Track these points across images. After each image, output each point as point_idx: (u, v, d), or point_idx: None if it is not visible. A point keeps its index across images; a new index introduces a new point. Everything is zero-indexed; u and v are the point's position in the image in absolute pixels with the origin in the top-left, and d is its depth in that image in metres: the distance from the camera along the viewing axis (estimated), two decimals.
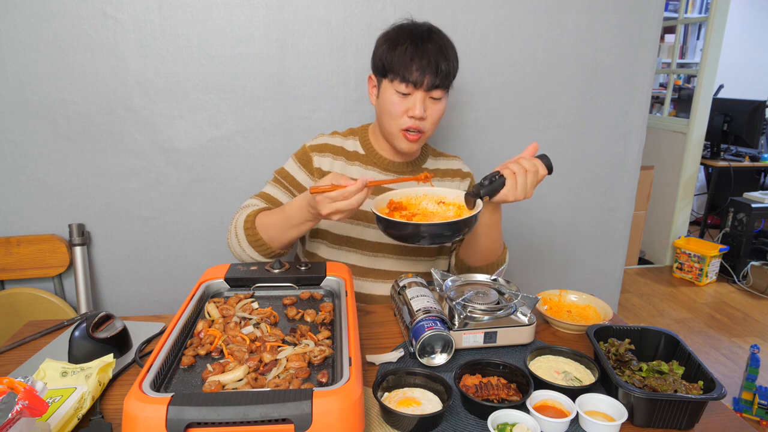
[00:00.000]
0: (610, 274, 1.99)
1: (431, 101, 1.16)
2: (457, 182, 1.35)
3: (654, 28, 1.73)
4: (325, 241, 1.29)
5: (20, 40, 1.44)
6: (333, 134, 1.34)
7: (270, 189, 1.28)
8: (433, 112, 1.17)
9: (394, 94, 1.15)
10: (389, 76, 1.15)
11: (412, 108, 1.14)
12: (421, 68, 1.11)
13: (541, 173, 1.04)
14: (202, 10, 1.49)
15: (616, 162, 1.86)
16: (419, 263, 1.32)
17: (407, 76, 1.11)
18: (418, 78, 1.11)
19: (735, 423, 0.81)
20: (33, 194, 1.56)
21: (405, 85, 1.12)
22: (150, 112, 1.54)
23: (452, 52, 1.17)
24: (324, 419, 0.63)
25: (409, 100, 1.14)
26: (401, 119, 1.16)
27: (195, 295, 0.97)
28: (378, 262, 1.29)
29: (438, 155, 1.38)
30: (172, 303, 1.70)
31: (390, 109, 1.16)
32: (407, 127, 1.16)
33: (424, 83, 1.12)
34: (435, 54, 1.12)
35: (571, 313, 1.14)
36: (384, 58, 1.15)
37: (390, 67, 1.14)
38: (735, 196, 3.50)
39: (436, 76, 1.12)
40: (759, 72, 4.69)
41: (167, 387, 0.74)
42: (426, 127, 1.17)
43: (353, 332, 0.81)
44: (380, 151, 1.30)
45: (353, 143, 1.31)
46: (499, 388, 0.83)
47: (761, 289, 3.31)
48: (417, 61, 1.11)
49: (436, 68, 1.11)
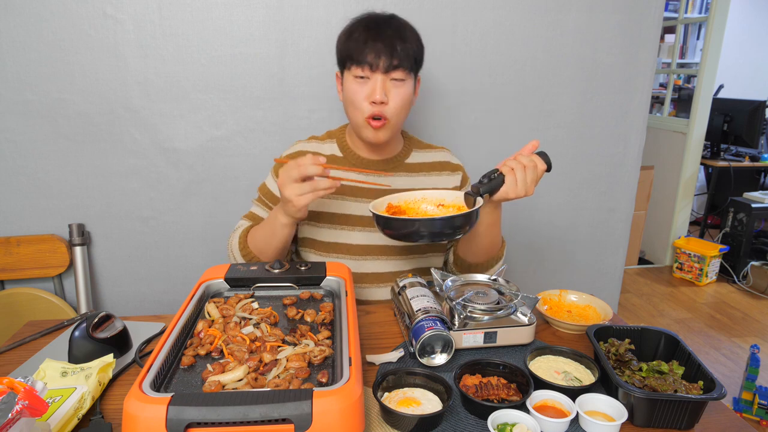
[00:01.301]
0: (610, 274, 1.99)
1: (393, 84, 1.13)
2: (445, 176, 1.32)
3: (654, 28, 1.73)
4: (313, 249, 1.28)
5: (20, 40, 1.44)
6: (310, 139, 1.32)
7: (255, 209, 1.30)
8: (396, 96, 1.13)
9: (353, 82, 1.13)
10: (347, 65, 1.14)
11: (372, 92, 1.11)
12: (376, 50, 1.09)
13: (540, 169, 1.03)
14: (202, 10, 1.49)
15: (616, 162, 1.86)
16: (409, 261, 1.30)
17: (362, 59, 1.10)
18: (374, 60, 1.09)
19: (735, 423, 0.81)
20: (33, 194, 1.56)
21: (362, 68, 1.11)
22: (150, 112, 1.54)
23: (412, 34, 1.15)
24: (324, 419, 0.63)
25: (368, 85, 1.12)
26: (363, 106, 1.13)
27: (195, 295, 0.96)
28: (366, 266, 1.27)
29: (424, 148, 1.34)
30: (172, 303, 1.70)
31: (352, 98, 1.14)
32: (371, 114, 1.13)
33: (380, 65, 1.10)
34: (391, 36, 1.10)
35: (571, 313, 1.14)
36: (341, 49, 1.15)
37: (347, 55, 1.13)
38: (735, 196, 3.50)
39: (393, 57, 1.10)
40: (759, 72, 4.69)
41: (167, 387, 0.74)
42: (390, 113, 1.13)
43: (353, 332, 0.81)
44: (357, 151, 1.27)
45: (330, 146, 1.29)
46: (499, 388, 0.83)
47: (761, 289, 3.31)
48: (371, 43, 1.10)
49: (391, 49, 1.10)
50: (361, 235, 1.26)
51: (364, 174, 1.22)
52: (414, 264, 1.30)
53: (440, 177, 1.32)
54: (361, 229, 1.26)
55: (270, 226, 1.14)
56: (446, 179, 1.32)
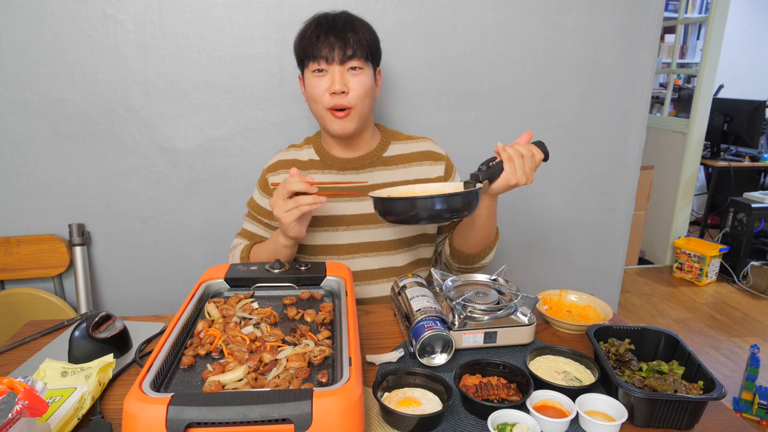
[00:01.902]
0: (610, 274, 1.99)
1: (351, 73, 1.14)
2: (426, 166, 1.30)
3: (654, 28, 1.73)
4: (303, 254, 1.30)
5: (20, 40, 1.44)
6: (288, 148, 1.34)
7: (247, 225, 1.34)
8: (356, 84, 1.14)
9: (312, 77, 1.15)
10: (305, 62, 1.16)
11: (332, 84, 1.13)
12: (329, 43, 1.11)
13: (538, 158, 1.04)
14: (202, 10, 1.49)
15: (616, 162, 1.86)
16: (400, 255, 1.29)
17: (317, 54, 1.12)
18: (329, 53, 1.12)
19: (735, 423, 0.81)
20: (33, 194, 1.56)
21: (317, 62, 1.13)
22: (150, 112, 1.54)
23: (363, 25, 1.17)
24: (324, 419, 0.63)
25: (327, 77, 1.14)
26: (324, 99, 1.15)
27: (195, 295, 0.96)
28: (356, 263, 1.27)
29: (403, 139, 1.33)
30: (172, 303, 1.70)
31: (312, 93, 1.16)
32: (332, 106, 1.15)
33: (335, 57, 1.12)
34: (342, 28, 1.13)
35: (571, 313, 1.14)
36: (297, 49, 1.18)
37: (302, 53, 1.15)
38: (735, 196, 3.50)
39: (347, 47, 1.12)
40: (759, 72, 4.69)
41: (167, 387, 0.74)
42: (352, 101, 1.15)
43: (353, 332, 0.81)
44: (332, 151, 1.28)
45: (308, 152, 1.31)
46: (499, 388, 0.83)
47: (761, 289, 3.31)
48: (323, 37, 1.12)
49: (344, 39, 1.12)
50: (347, 234, 1.27)
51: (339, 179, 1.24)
52: (406, 258, 1.30)
53: (421, 167, 1.30)
54: (345, 228, 1.27)
55: (272, 247, 1.17)
56: (428, 169, 1.30)
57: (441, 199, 0.96)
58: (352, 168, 1.28)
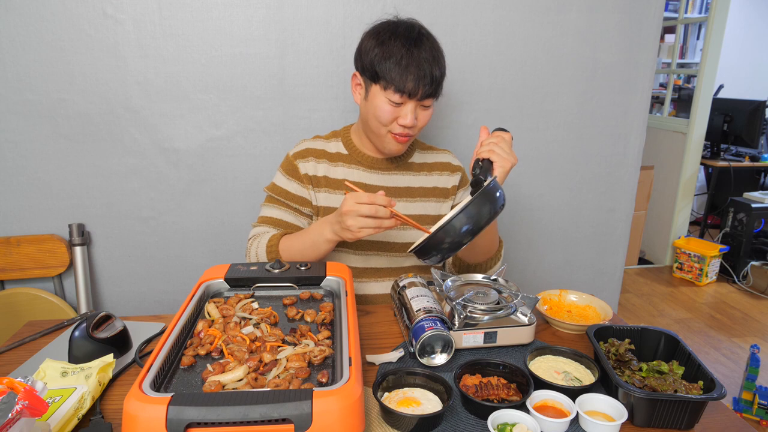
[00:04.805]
0: (610, 274, 1.99)
1: (421, 108, 1.17)
2: (446, 176, 1.34)
3: (654, 28, 1.73)
4: None
5: (20, 40, 1.44)
6: (314, 138, 1.34)
7: (270, 211, 1.27)
8: (423, 118, 1.18)
9: (386, 102, 1.14)
10: (381, 83, 1.13)
11: (404, 117, 1.14)
12: (415, 79, 1.10)
13: (508, 138, 1.08)
14: (202, 10, 1.49)
15: (616, 162, 1.86)
16: (411, 257, 1.32)
17: (402, 87, 1.10)
18: (413, 89, 1.11)
19: (735, 423, 0.81)
20: (33, 194, 1.56)
21: (399, 95, 1.12)
22: (150, 112, 1.54)
23: (442, 57, 1.17)
24: (324, 419, 0.63)
25: (400, 109, 1.14)
26: (391, 125, 1.17)
27: (195, 295, 0.96)
28: (370, 261, 1.30)
29: (426, 149, 1.37)
30: (172, 303, 1.70)
31: (380, 116, 1.15)
32: (398, 133, 1.17)
33: (418, 94, 1.12)
34: (429, 62, 1.11)
35: (571, 313, 1.14)
36: (376, 64, 1.12)
37: (383, 75, 1.12)
38: (735, 196, 3.50)
39: (431, 86, 1.12)
40: (759, 72, 4.69)
41: (167, 387, 0.74)
42: (415, 131, 1.19)
43: (353, 332, 0.81)
44: (363, 150, 1.30)
45: (336, 144, 1.31)
46: (499, 388, 0.83)
47: (761, 289, 3.31)
48: (413, 71, 1.10)
49: (430, 78, 1.12)
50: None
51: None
52: (415, 261, 1.32)
53: (441, 177, 1.34)
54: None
55: (311, 239, 1.14)
56: (446, 179, 1.35)
57: (479, 201, 0.94)
58: (379, 168, 1.30)
